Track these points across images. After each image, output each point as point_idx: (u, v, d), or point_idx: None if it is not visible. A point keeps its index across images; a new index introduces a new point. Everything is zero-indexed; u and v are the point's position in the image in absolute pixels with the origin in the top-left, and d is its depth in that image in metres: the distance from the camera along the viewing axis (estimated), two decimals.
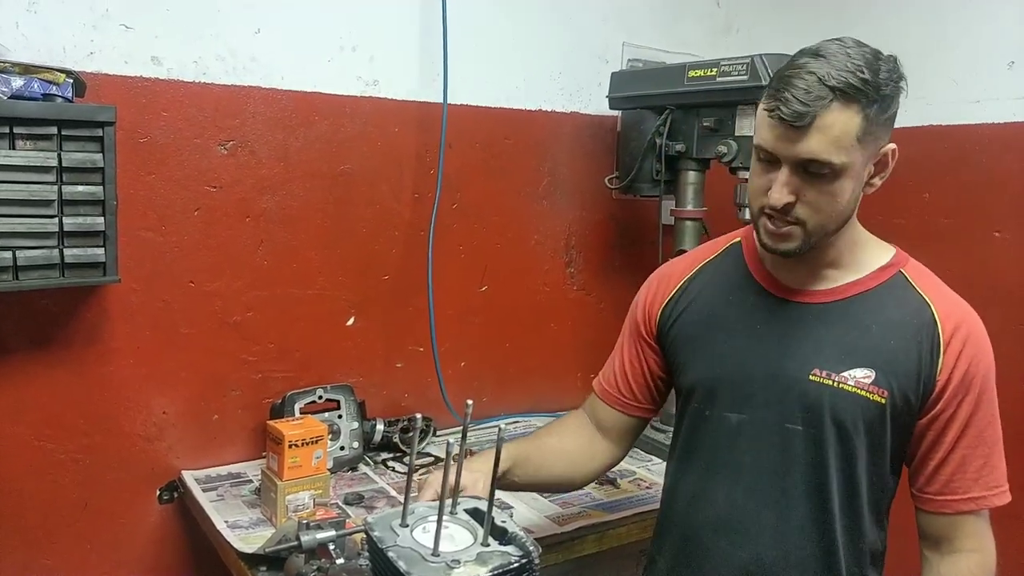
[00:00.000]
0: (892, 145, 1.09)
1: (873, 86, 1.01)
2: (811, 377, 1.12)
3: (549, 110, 2.13)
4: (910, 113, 2.04)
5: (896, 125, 1.08)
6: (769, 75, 1.73)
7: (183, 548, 1.75)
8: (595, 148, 2.22)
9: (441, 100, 1.89)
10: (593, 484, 1.66)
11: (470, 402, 0.96)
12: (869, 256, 1.18)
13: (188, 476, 1.70)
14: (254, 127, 1.73)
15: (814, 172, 1.04)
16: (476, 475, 1.16)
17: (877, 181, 1.12)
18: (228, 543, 1.40)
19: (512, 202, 2.11)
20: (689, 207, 1.97)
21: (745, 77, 1.70)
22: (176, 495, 1.71)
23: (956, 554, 1.14)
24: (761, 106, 1.07)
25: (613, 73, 2.07)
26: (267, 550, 1.27)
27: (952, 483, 1.12)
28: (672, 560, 1.27)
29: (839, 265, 1.17)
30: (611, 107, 2.08)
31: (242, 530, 1.47)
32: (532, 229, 2.15)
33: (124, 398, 1.66)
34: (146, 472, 1.70)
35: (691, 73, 1.84)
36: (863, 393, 1.10)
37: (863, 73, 1.01)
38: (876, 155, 1.08)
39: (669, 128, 1.93)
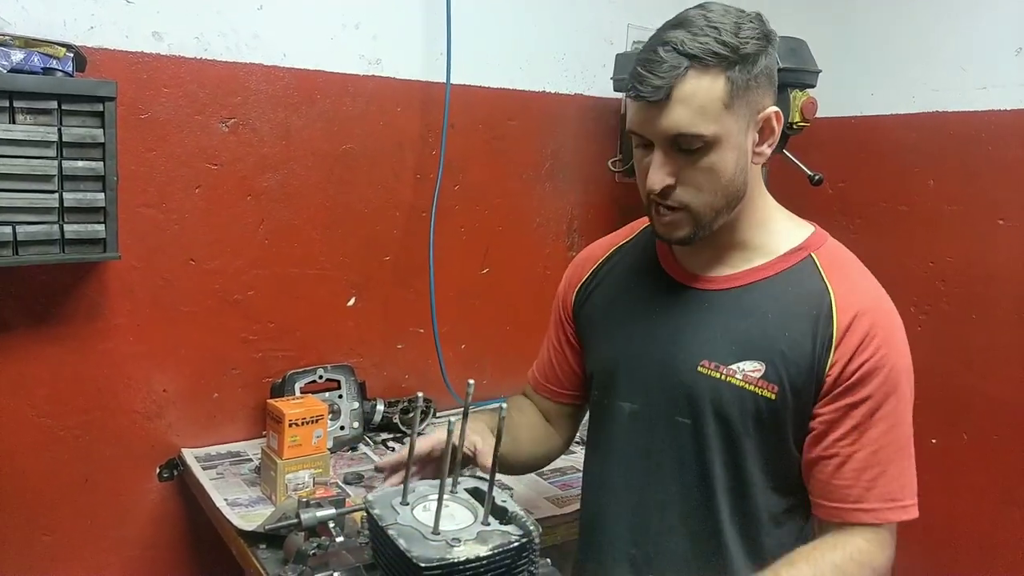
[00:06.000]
0: (774, 108, 1.01)
1: (731, 47, 0.95)
2: (699, 369, 1.06)
3: (553, 92, 2.12)
4: (917, 100, 2.06)
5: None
6: (777, 59, 1.72)
7: (183, 525, 1.76)
8: (598, 130, 2.20)
9: (444, 80, 1.88)
10: None
11: (472, 382, 0.95)
12: (780, 237, 1.09)
13: (188, 454, 1.70)
14: (256, 105, 1.72)
15: (686, 148, 0.98)
16: (477, 436, 1.10)
17: (766, 149, 1.03)
18: (228, 521, 1.41)
19: (514, 184, 2.10)
20: None
21: None
22: (176, 473, 1.71)
23: (846, 546, 1.01)
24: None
25: (618, 55, 2.05)
26: (267, 528, 1.27)
27: (843, 490, 1.01)
28: (581, 546, 1.26)
29: (747, 247, 1.09)
30: (615, 89, 2.07)
31: (242, 508, 1.47)
32: (534, 211, 2.15)
33: (124, 375, 1.66)
34: (146, 449, 1.70)
35: None
36: (751, 388, 1.03)
37: (721, 35, 0.95)
38: (756, 120, 1.00)
39: None
